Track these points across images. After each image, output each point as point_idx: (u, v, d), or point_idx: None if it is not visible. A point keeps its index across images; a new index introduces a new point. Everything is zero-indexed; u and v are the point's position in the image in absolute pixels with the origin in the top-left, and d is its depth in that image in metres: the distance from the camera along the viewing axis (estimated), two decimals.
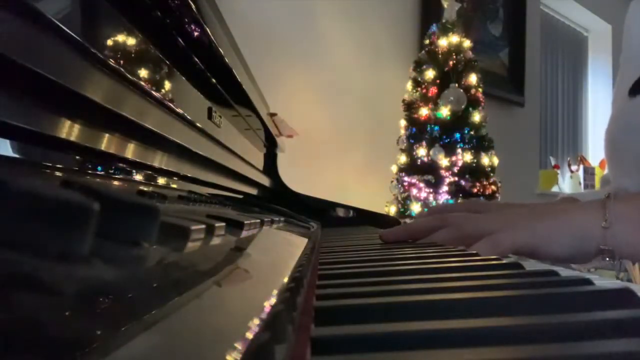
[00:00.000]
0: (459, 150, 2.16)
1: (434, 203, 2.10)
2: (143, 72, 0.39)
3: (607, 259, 0.50)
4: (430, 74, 2.22)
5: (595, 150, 4.28)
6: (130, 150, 0.40)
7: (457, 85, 2.19)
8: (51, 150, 0.29)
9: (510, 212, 0.56)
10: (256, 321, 0.15)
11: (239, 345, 0.13)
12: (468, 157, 2.16)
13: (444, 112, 2.16)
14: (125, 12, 0.36)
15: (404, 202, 2.18)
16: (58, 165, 0.30)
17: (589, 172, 3.80)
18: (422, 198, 2.13)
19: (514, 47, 3.37)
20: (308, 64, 2.26)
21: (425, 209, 1.44)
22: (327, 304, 0.23)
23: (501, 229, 0.51)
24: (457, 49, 2.24)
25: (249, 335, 0.14)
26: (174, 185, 0.53)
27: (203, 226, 0.30)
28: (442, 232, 0.55)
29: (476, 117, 2.21)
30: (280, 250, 0.46)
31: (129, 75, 0.34)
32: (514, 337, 0.18)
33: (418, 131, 2.21)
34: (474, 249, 0.51)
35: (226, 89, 0.65)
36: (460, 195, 2.13)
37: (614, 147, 0.70)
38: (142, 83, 0.38)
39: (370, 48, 2.53)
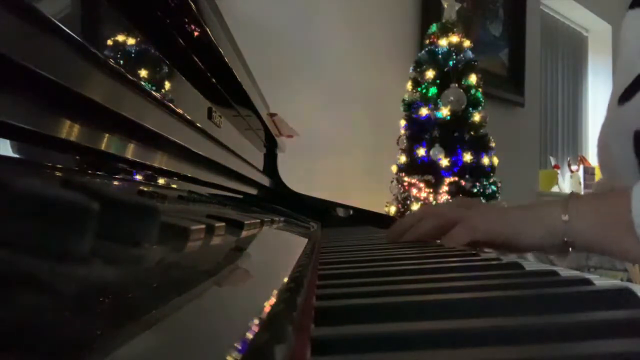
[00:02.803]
0: (459, 150, 2.16)
1: (434, 203, 2.10)
2: (143, 72, 0.39)
3: (571, 249, 0.55)
4: (430, 74, 2.22)
5: (595, 150, 4.27)
6: (130, 150, 0.40)
7: (457, 85, 2.19)
8: (51, 150, 0.29)
9: (486, 205, 0.64)
10: (256, 321, 0.15)
11: (239, 345, 0.13)
12: (468, 157, 2.16)
13: (444, 112, 2.16)
14: (125, 12, 0.36)
15: (404, 202, 2.18)
16: (58, 165, 0.30)
17: (589, 172, 3.80)
18: (422, 198, 2.13)
19: (514, 47, 3.37)
20: (308, 64, 2.26)
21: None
22: (327, 304, 0.23)
23: (475, 216, 0.58)
24: (457, 49, 2.23)
25: (249, 335, 0.14)
26: (174, 185, 0.53)
27: (203, 226, 0.30)
28: (425, 221, 0.60)
29: (476, 117, 2.21)
30: (280, 250, 0.46)
31: (129, 75, 0.34)
32: (514, 337, 0.18)
33: (418, 131, 2.20)
34: (452, 233, 0.57)
35: (226, 89, 0.65)
36: (460, 195, 2.12)
37: (604, 153, 0.73)
38: (142, 83, 0.38)
39: (370, 48, 2.53)
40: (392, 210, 2.19)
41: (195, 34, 0.48)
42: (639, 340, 0.16)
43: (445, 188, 2.13)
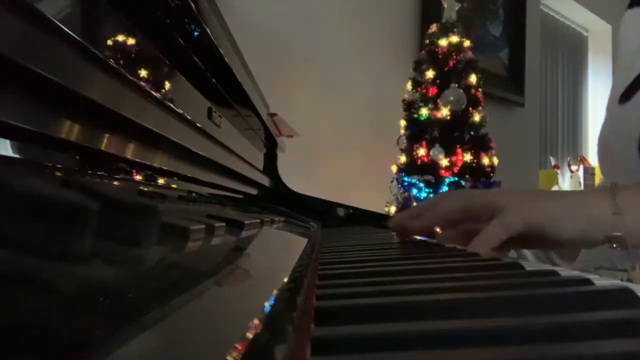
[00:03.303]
0: (459, 150, 2.16)
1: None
2: (143, 72, 0.39)
3: (615, 245, 0.49)
4: (430, 74, 2.22)
5: (595, 150, 4.27)
6: (130, 150, 0.40)
7: (457, 85, 2.19)
8: (51, 150, 0.29)
9: (518, 190, 0.55)
10: (256, 321, 0.15)
11: (239, 345, 0.13)
12: (468, 157, 2.16)
13: (444, 112, 2.16)
14: (125, 12, 0.36)
15: (404, 202, 2.18)
16: (58, 165, 0.30)
17: (589, 172, 3.80)
18: (422, 198, 2.13)
19: (514, 47, 3.37)
20: (308, 64, 2.26)
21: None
22: (328, 304, 0.23)
23: (510, 206, 0.50)
24: (457, 49, 2.23)
25: (249, 335, 0.14)
26: (174, 185, 0.53)
27: (203, 226, 0.30)
28: (451, 201, 0.53)
29: (476, 117, 2.21)
30: (280, 250, 0.46)
31: (129, 75, 0.34)
32: (515, 337, 0.18)
33: (418, 131, 2.20)
34: (486, 232, 0.49)
35: (226, 89, 0.65)
36: None
37: (605, 153, 0.72)
38: (142, 83, 0.38)
39: (371, 48, 2.53)
40: (392, 210, 2.19)
41: (195, 33, 0.48)
42: (639, 340, 0.16)
43: (445, 188, 2.13)
